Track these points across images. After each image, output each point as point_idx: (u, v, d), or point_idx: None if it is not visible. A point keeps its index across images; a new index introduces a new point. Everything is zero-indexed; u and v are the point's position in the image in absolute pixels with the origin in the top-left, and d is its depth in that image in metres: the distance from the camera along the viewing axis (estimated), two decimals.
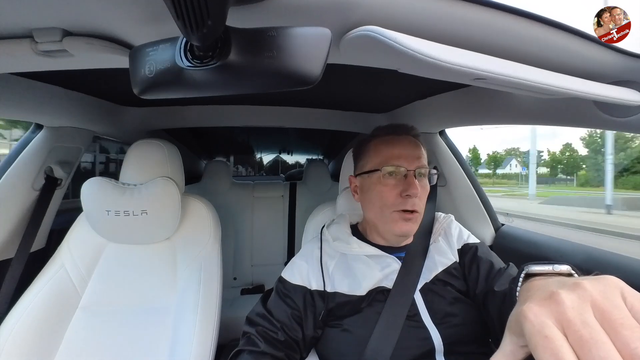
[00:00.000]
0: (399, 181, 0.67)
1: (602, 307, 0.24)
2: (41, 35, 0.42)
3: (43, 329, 0.79)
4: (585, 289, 0.25)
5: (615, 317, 0.23)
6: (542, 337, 0.24)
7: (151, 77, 0.34)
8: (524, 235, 1.09)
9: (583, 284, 0.26)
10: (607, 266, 0.78)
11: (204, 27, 0.26)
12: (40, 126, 0.98)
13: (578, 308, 0.24)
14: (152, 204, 0.86)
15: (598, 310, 0.24)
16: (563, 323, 0.24)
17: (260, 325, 0.65)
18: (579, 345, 0.22)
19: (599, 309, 0.24)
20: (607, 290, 0.25)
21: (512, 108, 0.76)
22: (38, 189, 0.98)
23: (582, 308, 0.24)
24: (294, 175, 3.04)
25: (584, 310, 0.24)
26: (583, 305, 0.24)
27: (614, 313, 0.23)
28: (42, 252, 1.02)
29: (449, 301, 0.65)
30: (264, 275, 1.82)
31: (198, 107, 1.27)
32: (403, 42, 0.35)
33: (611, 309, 0.23)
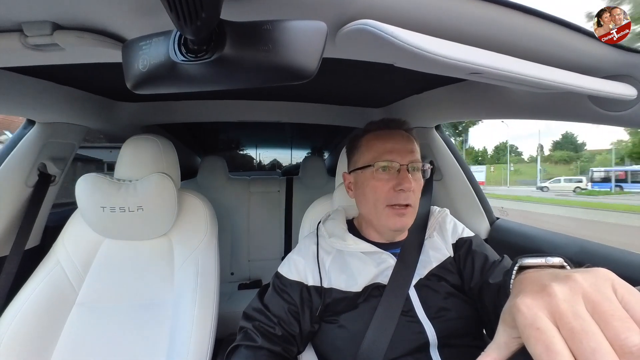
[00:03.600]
0: (392, 176, 0.67)
1: (593, 298, 0.24)
2: (31, 29, 0.41)
3: (40, 326, 0.78)
4: (576, 281, 0.26)
5: (605, 308, 0.23)
6: (534, 330, 0.24)
7: (145, 72, 0.33)
8: (518, 228, 1.11)
9: (575, 277, 0.26)
10: (600, 258, 0.80)
11: (197, 20, 0.26)
12: (33, 122, 0.97)
13: (570, 300, 0.24)
14: (148, 199, 0.85)
15: (589, 302, 0.24)
16: (555, 315, 0.24)
17: (257, 320, 0.65)
18: (571, 336, 0.23)
19: (590, 300, 0.24)
20: (598, 282, 0.25)
21: (508, 102, 0.76)
22: (31, 185, 0.97)
23: (573, 300, 0.24)
24: (291, 170, 3.03)
25: (575, 302, 0.24)
26: (575, 297, 0.25)
27: (605, 304, 0.23)
28: (37, 249, 1.01)
29: (443, 296, 0.66)
30: (261, 270, 1.83)
31: (193, 102, 1.26)
32: (399, 36, 0.35)
33: (602, 301, 0.24)
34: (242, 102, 1.28)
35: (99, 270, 0.89)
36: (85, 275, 0.88)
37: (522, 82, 0.47)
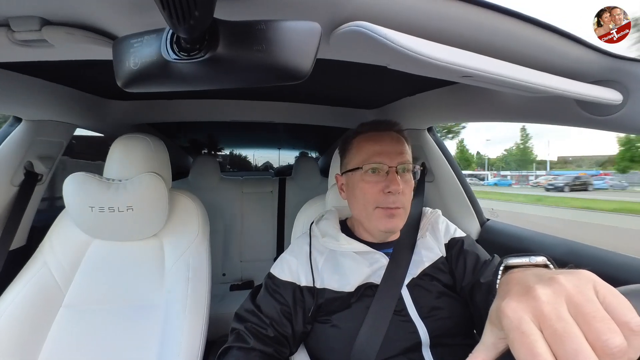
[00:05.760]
0: (381, 178, 0.68)
1: (575, 300, 0.25)
2: (18, 24, 0.40)
3: (25, 329, 0.76)
4: (560, 283, 0.26)
5: (587, 310, 0.24)
6: (519, 333, 0.25)
7: (136, 70, 0.33)
8: (508, 229, 1.12)
9: (558, 279, 0.27)
10: (587, 259, 0.81)
11: (191, 19, 0.26)
12: (19, 119, 0.95)
13: (553, 303, 0.25)
14: (138, 199, 0.84)
15: (572, 304, 0.25)
16: (539, 318, 0.25)
17: (249, 321, 0.64)
18: (553, 339, 0.23)
19: (573, 302, 0.25)
20: (581, 284, 0.26)
21: (498, 106, 0.77)
22: (17, 184, 0.94)
23: (557, 302, 0.25)
24: (284, 170, 3.02)
25: (558, 305, 0.25)
26: (558, 299, 0.25)
27: (587, 306, 0.24)
28: (23, 249, 0.98)
29: (435, 295, 0.66)
30: (253, 271, 1.81)
31: (185, 101, 1.25)
32: (393, 38, 0.35)
33: (584, 303, 0.24)
34: (235, 102, 1.27)
35: (87, 272, 0.87)
36: (73, 276, 0.86)
37: (512, 86, 0.47)
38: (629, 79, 0.52)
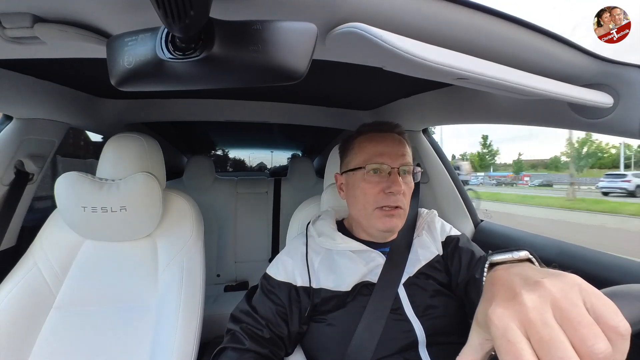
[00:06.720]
0: (382, 178, 0.68)
1: (561, 306, 0.25)
2: (10, 21, 0.39)
3: (15, 331, 0.75)
4: (545, 288, 0.26)
5: (573, 315, 0.24)
6: (505, 341, 0.25)
7: (130, 68, 0.32)
8: (501, 230, 1.14)
9: (543, 283, 0.27)
10: (577, 259, 0.82)
11: (186, 18, 0.25)
12: (10, 117, 0.93)
13: (539, 308, 0.25)
14: (131, 199, 0.83)
15: (557, 310, 0.25)
16: (525, 324, 0.25)
17: (244, 322, 0.64)
18: (540, 345, 0.24)
19: (559, 308, 0.25)
20: (566, 288, 0.26)
21: (492, 108, 0.78)
22: (7, 184, 0.93)
23: (542, 308, 0.25)
24: (279, 171, 3.01)
25: (544, 310, 0.25)
26: (543, 305, 0.25)
27: (573, 312, 0.24)
28: (13, 250, 0.97)
29: (430, 294, 0.67)
30: (247, 271, 1.81)
31: (179, 101, 1.24)
32: (388, 40, 0.35)
33: (570, 308, 0.24)
34: (230, 102, 1.26)
35: (78, 273, 0.86)
36: (64, 277, 0.85)
37: (506, 89, 0.48)
38: (619, 82, 0.52)
